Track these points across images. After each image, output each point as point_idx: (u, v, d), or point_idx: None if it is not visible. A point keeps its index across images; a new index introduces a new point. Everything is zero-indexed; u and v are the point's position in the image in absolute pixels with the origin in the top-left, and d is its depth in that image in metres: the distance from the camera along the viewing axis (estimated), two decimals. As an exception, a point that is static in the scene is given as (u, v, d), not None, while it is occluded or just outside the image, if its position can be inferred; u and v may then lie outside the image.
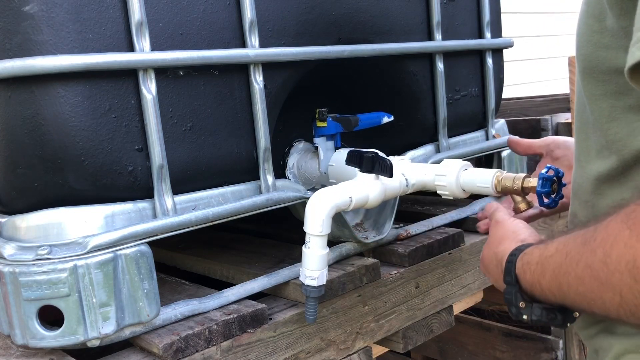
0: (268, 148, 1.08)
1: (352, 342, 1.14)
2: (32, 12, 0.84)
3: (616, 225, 0.59)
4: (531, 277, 0.74)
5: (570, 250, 0.65)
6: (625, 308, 0.58)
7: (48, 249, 0.86)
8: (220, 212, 1.01)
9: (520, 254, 0.77)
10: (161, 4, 0.95)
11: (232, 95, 1.04)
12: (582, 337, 0.84)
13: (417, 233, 1.33)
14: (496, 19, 1.53)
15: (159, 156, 0.94)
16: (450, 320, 1.35)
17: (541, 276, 0.71)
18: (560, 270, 0.67)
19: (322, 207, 0.96)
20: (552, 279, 0.69)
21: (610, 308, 0.60)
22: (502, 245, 0.83)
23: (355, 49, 1.20)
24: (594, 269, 0.60)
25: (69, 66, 0.85)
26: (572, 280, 0.65)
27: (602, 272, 0.59)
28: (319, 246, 0.96)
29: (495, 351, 1.93)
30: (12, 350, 0.95)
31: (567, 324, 0.75)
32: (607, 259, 0.58)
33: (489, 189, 1.02)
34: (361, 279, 1.14)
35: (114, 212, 0.92)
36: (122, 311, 0.89)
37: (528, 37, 4.54)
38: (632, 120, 0.69)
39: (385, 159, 1.02)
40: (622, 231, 0.57)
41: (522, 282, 0.76)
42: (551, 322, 0.74)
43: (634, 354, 0.71)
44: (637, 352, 0.71)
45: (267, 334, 1.00)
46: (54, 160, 0.89)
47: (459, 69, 1.45)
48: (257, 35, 1.05)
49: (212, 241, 1.42)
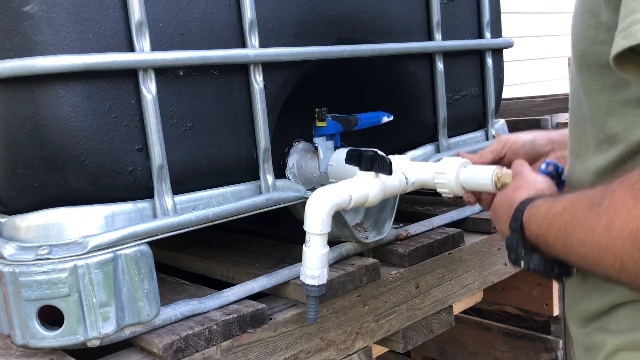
0: (268, 148, 1.08)
1: (352, 342, 1.14)
2: (32, 12, 0.84)
3: (621, 194, 0.60)
4: (537, 230, 0.75)
5: (577, 211, 0.67)
6: (625, 274, 0.60)
7: (48, 249, 0.86)
8: (220, 212, 1.01)
9: (530, 204, 0.78)
10: (161, 4, 0.95)
11: (232, 95, 1.04)
12: (575, 334, 0.85)
13: (417, 233, 1.33)
14: (496, 19, 1.53)
15: (159, 156, 0.94)
16: (450, 320, 1.35)
17: (547, 232, 0.73)
18: (566, 229, 0.69)
19: (322, 205, 0.96)
20: (558, 236, 0.70)
21: (611, 272, 0.62)
22: (517, 192, 0.84)
23: (355, 49, 1.20)
24: (597, 233, 0.62)
25: (69, 66, 0.85)
26: (575, 241, 0.66)
27: (604, 238, 0.61)
28: (320, 245, 0.96)
29: (495, 351, 1.93)
30: (12, 350, 0.96)
31: (563, 279, 0.77)
32: (611, 225, 0.60)
33: (488, 185, 1.02)
34: (361, 279, 1.14)
35: (114, 212, 0.92)
36: (122, 311, 0.89)
37: (528, 37, 4.54)
38: (629, 115, 0.70)
39: (384, 157, 1.02)
40: (627, 200, 0.59)
41: (527, 231, 0.77)
42: (547, 274, 0.76)
43: (628, 351, 0.72)
44: (631, 349, 0.72)
45: (267, 334, 1.00)
46: (54, 160, 0.89)
47: (459, 69, 1.45)
48: (257, 35, 1.05)
49: (212, 241, 1.42)
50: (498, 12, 1.54)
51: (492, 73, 1.50)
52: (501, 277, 1.47)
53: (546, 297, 1.77)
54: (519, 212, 0.79)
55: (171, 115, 0.97)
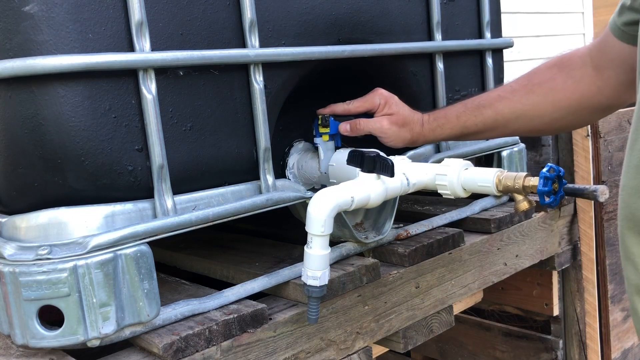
0: (268, 148, 1.08)
1: (352, 342, 1.14)
2: (32, 12, 0.84)
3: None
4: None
5: None
6: None
7: (48, 249, 0.86)
8: (220, 212, 1.01)
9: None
10: (161, 4, 0.95)
11: (232, 95, 1.04)
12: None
13: (417, 233, 1.33)
14: (496, 19, 1.53)
15: (159, 156, 0.94)
16: (450, 320, 1.35)
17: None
18: None
19: (324, 207, 0.96)
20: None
21: None
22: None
23: (355, 49, 1.20)
24: None
25: (69, 66, 0.85)
26: None
27: None
28: (321, 246, 0.96)
29: (495, 351, 1.93)
30: (12, 350, 0.96)
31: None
32: None
33: (490, 188, 1.02)
34: (361, 279, 1.14)
35: (114, 212, 0.92)
36: (122, 311, 0.89)
37: (528, 37, 4.54)
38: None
39: (386, 159, 1.02)
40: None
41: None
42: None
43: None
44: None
45: (267, 334, 1.00)
46: (54, 160, 0.89)
47: (459, 69, 1.45)
48: (257, 35, 1.05)
49: (212, 241, 1.42)
50: (498, 12, 1.54)
51: (492, 73, 1.50)
52: (501, 277, 1.47)
53: (546, 297, 1.78)
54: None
55: (171, 115, 0.97)
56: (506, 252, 1.48)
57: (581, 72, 1.11)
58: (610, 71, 1.06)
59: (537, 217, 1.56)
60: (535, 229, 1.56)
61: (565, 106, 1.13)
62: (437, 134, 1.23)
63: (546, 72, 1.16)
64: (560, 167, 0.95)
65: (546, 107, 1.14)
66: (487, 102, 1.19)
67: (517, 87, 1.18)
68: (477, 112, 1.19)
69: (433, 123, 1.21)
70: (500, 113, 1.18)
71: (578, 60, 1.12)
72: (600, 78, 1.08)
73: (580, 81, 1.11)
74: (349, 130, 1.22)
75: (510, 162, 1.54)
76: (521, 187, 0.99)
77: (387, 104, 1.21)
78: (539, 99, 1.15)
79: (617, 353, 1.87)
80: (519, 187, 0.99)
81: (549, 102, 1.14)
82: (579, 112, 1.14)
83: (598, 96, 1.10)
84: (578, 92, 1.11)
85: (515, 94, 1.17)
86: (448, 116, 1.21)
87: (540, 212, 1.58)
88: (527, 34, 4.52)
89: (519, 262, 1.52)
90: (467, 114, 1.19)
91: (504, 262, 1.47)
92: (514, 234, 1.49)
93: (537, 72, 1.17)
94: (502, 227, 1.45)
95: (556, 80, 1.13)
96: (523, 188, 0.99)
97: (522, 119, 1.17)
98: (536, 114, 1.16)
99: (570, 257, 1.71)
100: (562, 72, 1.13)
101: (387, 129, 1.20)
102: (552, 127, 1.21)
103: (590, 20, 5.24)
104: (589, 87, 1.10)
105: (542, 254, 1.59)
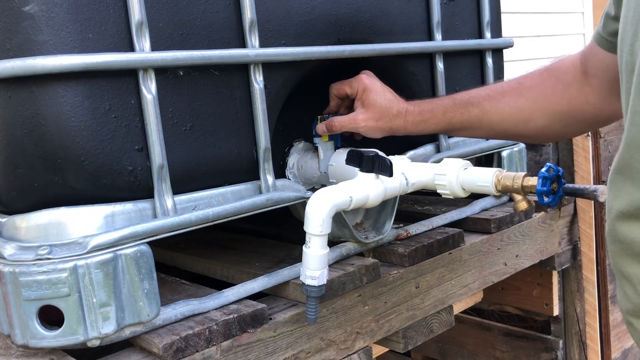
0: (268, 148, 1.09)
1: (352, 342, 1.14)
2: (32, 12, 0.84)
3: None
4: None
5: None
6: None
7: (48, 249, 0.86)
8: (220, 212, 1.01)
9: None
10: (161, 4, 0.95)
11: (232, 95, 1.04)
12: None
13: (417, 233, 1.33)
14: (496, 19, 1.53)
15: (159, 156, 0.94)
16: (450, 320, 1.35)
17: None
18: None
19: (323, 207, 0.96)
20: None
21: None
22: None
23: (355, 49, 1.20)
24: None
25: (69, 66, 0.85)
26: None
27: None
28: (320, 246, 0.96)
29: (495, 351, 1.93)
30: (12, 350, 0.96)
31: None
32: None
33: (489, 187, 1.02)
34: (361, 279, 1.14)
35: (114, 212, 0.92)
36: (122, 311, 0.89)
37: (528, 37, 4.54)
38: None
39: (385, 159, 1.02)
40: None
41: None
42: None
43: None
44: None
45: (267, 334, 1.00)
46: (54, 160, 0.89)
47: (459, 69, 1.45)
48: (257, 35, 1.05)
49: (212, 241, 1.42)
50: (498, 12, 1.54)
51: (492, 73, 1.50)
52: (501, 277, 1.47)
53: (546, 297, 1.78)
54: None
55: (171, 115, 0.97)
56: (506, 252, 1.48)
57: (571, 76, 1.10)
58: (596, 79, 1.05)
59: (537, 217, 1.56)
60: (535, 229, 1.56)
61: (553, 113, 1.12)
62: (420, 129, 1.20)
63: (537, 76, 1.15)
64: (559, 167, 0.96)
65: (533, 112, 1.14)
66: (476, 100, 1.17)
67: (508, 88, 1.17)
68: (464, 109, 1.17)
69: (417, 117, 1.18)
70: (486, 113, 1.17)
71: (569, 64, 1.11)
72: (588, 83, 1.07)
73: (570, 85, 1.10)
74: (325, 130, 1.22)
75: (510, 162, 1.54)
76: (520, 186, 0.99)
77: (365, 91, 1.18)
78: (528, 103, 1.14)
79: (617, 353, 1.87)
80: (518, 186, 0.99)
81: (537, 107, 1.13)
82: (565, 120, 1.13)
83: (585, 104, 1.09)
84: (567, 97, 1.10)
85: (505, 96, 1.16)
86: (434, 111, 1.19)
87: (540, 212, 1.58)
88: (527, 34, 4.52)
89: (519, 262, 1.52)
90: (454, 110, 1.18)
91: (504, 262, 1.48)
92: (514, 234, 1.49)
93: (529, 76, 1.17)
94: (502, 227, 1.45)
95: (546, 85, 1.13)
96: (522, 188, 0.99)
97: (508, 122, 1.16)
98: (522, 118, 1.15)
99: (570, 257, 1.71)
100: (552, 77, 1.13)
101: (362, 126, 1.18)
102: (538, 135, 1.20)
103: (590, 20, 5.24)
104: (577, 92, 1.09)
105: (542, 254, 1.60)
